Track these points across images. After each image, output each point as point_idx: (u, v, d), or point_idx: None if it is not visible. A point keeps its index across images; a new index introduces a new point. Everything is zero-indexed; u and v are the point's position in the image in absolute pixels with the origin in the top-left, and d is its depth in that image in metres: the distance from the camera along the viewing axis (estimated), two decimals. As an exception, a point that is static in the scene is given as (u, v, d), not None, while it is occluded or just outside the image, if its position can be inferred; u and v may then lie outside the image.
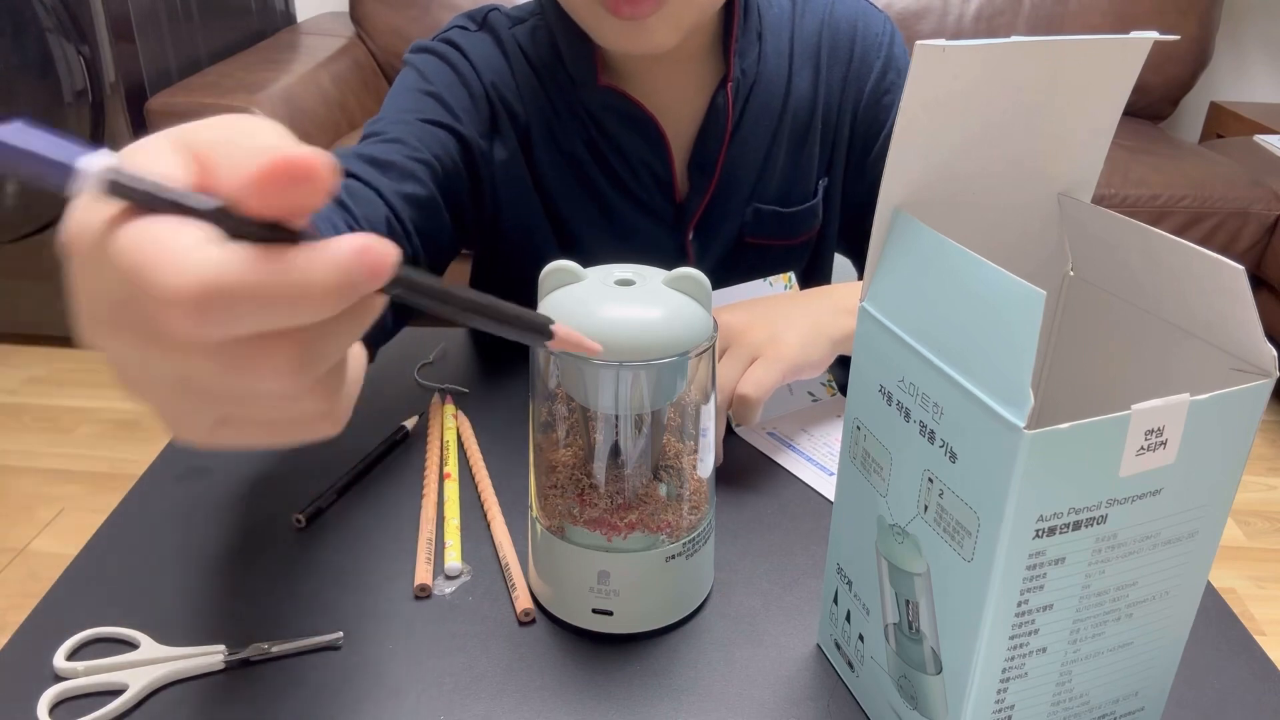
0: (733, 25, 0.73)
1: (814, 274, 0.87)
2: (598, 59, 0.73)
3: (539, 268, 0.48)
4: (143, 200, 0.23)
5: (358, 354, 0.31)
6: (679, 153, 0.77)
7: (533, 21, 0.76)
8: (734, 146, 0.77)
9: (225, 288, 0.22)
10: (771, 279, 0.74)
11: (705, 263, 0.81)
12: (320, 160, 0.23)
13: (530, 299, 0.44)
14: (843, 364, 0.68)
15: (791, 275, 0.75)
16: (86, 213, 0.24)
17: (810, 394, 0.73)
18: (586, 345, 0.34)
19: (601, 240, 0.79)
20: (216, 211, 0.23)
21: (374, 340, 0.66)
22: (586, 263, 0.49)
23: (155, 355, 0.24)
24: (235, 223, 0.23)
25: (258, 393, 0.25)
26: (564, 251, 0.78)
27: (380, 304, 0.26)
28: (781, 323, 0.65)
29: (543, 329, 0.31)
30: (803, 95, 0.78)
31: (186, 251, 0.22)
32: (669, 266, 0.86)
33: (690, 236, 0.80)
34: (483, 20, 0.77)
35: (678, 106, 0.76)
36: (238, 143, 0.24)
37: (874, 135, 0.80)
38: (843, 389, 0.74)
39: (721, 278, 0.82)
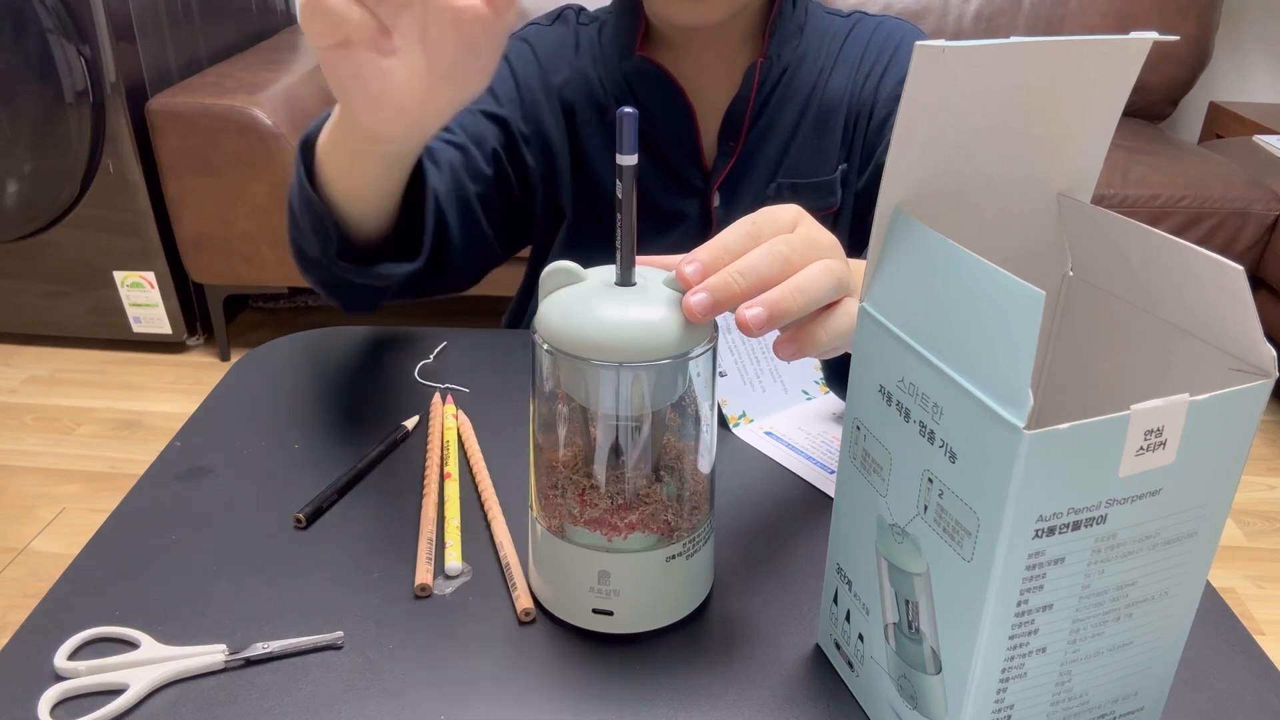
0: (771, 11, 0.82)
1: None
2: (640, 33, 0.82)
3: (569, 233, 0.56)
4: None
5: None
6: (710, 122, 0.84)
7: (603, 19, 0.88)
8: (762, 121, 0.84)
9: None
10: None
11: None
12: None
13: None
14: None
15: None
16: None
17: (804, 392, 0.73)
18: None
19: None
20: None
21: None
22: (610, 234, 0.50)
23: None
24: None
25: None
26: (588, 219, 0.87)
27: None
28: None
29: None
30: (834, 89, 0.85)
31: None
32: (695, 236, 0.88)
33: (715, 203, 0.86)
34: (558, 14, 0.90)
35: (714, 80, 0.83)
36: None
37: (880, 132, 0.85)
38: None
39: None
